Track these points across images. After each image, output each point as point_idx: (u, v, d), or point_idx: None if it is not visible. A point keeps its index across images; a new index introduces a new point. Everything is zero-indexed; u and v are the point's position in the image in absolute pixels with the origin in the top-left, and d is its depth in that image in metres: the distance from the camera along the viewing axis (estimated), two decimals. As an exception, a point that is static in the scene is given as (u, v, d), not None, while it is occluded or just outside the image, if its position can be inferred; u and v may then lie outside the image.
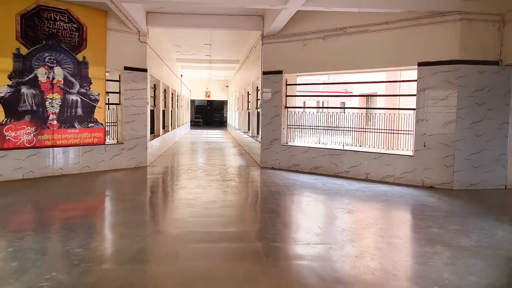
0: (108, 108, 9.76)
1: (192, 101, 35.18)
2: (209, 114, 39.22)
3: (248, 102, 15.74)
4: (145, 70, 10.11)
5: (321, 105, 24.60)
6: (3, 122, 7.91)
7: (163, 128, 15.05)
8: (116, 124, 9.95)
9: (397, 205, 6.60)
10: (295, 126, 10.41)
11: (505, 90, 7.68)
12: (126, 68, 9.71)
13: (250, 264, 3.97)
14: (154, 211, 6.36)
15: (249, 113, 15.77)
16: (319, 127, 10.19)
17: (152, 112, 12.54)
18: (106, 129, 9.64)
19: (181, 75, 21.61)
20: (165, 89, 15.37)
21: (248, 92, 15.62)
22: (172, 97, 17.60)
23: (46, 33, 8.33)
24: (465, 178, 7.77)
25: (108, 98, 9.82)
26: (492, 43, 7.60)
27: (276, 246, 4.47)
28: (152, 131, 12.51)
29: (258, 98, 12.64)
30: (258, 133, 12.78)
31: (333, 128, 10.06)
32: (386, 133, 10.05)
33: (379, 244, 4.58)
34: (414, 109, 8.26)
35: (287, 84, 10.23)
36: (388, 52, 8.43)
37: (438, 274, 3.76)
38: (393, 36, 8.31)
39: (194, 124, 35.65)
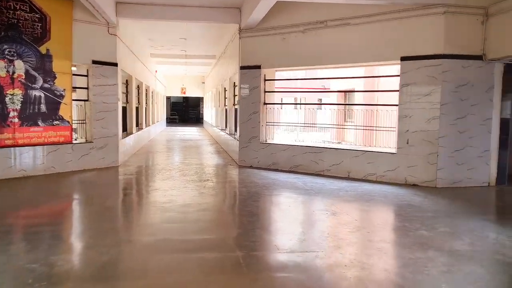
0: (76, 105, 9.14)
1: (168, 98, 34.37)
2: (185, 111, 38.46)
3: (225, 98, 15.28)
4: (115, 64, 9.52)
5: (299, 102, 24.35)
6: (-43, 120, 7.25)
7: (137, 125, 14.44)
8: (84, 121, 9.34)
9: (383, 205, 6.32)
10: (274, 123, 10.04)
11: (489, 86, 7.51)
12: (94, 62, 9.11)
13: (230, 278, 3.57)
14: (125, 216, 5.87)
15: (226, 109, 15.33)
16: (298, 124, 9.87)
17: (124, 109, 11.95)
18: (74, 127, 9.04)
19: (156, 71, 20.96)
20: (138, 85, 14.75)
21: (225, 88, 15.17)
22: (146, 94, 16.97)
23: (5, 23, 7.66)
24: (449, 176, 7.56)
25: (76, 94, 9.23)
26: (476, 37, 7.39)
27: (257, 255, 4.08)
28: (124, 129, 11.93)
29: (236, 94, 12.20)
30: (236, 130, 12.36)
31: (312, 125, 9.77)
32: (367, 129, 9.83)
33: (368, 251, 4.26)
34: (396, 105, 8.02)
35: (265, 80, 9.84)
36: (370, 46, 8.14)
37: (435, 284, 3.46)
38: (376, 29, 8.02)
39: (170, 121, 34.86)
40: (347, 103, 15.20)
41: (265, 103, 9.87)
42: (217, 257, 4.02)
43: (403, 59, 7.73)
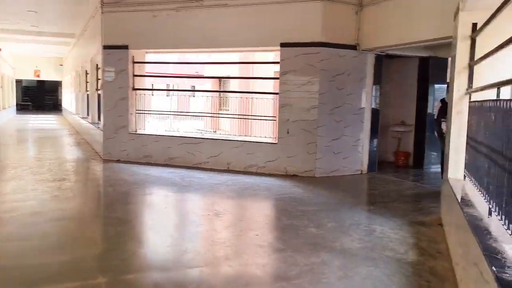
0: None
1: (18, 82, 29.92)
2: (40, 97, 34.00)
3: (87, 82, 13.54)
4: None
5: (171, 88, 23.21)
6: None
7: (-27, 113, 11.92)
8: None
9: (267, 200, 5.96)
10: (145, 111, 9.03)
11: (362, 76, 7.68)
12: None
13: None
14: None
15: (88, 95, 13.60)
16: (171, 112, 9.05)
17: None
18: None
19: (0, 49, 17.82)
20: (-27, 64, 12.15)
21: (86, 70, 13.42)
22: (-15, 75, 14.19)
23: None
24: (326, 165, 7.56)
25: None
26: (351, 27, 7.44)
27: (126, 280, 3.23)
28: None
29: (99, 78, 10.76)
30: (99, 119, 10.94)
31: (186, 113, 9.05)
32: (243, 118, 9.48)
33: (260, 259, 3.74)
34: (276, 93, 7.75)
35: (134, 62, 8.73)
36: (250, 31, 7.67)
37: (337, 295, 3.09)
38: (255, 13, 7.57)
39: (21, 108, 30.47)
40: (222, 90, 14.77)
41: (134, 89, 8.77)
42: (72, 290, 3.07)
43: (282, 45, 7.43)
